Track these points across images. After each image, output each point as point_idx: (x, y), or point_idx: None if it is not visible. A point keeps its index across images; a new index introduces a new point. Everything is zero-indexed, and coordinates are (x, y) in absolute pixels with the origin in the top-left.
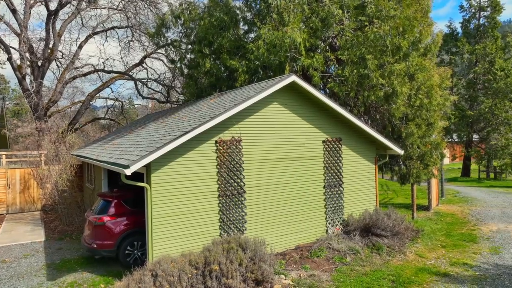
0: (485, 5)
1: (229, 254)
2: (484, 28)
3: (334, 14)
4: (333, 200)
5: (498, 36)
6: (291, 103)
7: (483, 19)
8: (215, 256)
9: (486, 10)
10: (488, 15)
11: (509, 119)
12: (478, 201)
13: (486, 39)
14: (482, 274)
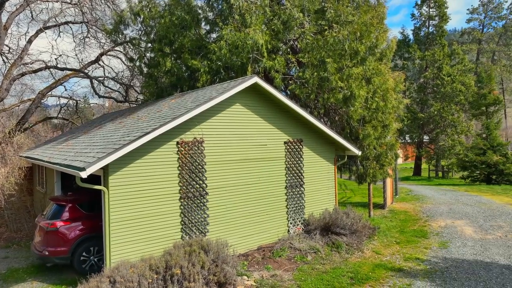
0: (433, 14)
1: (191, 257)
2: (433, 36)
3: (295, 17)
4: (295, 200)
5: (445, 44)
6: (253, 104)
7: (432, 27)
8: (177, 259)
9: (434, 19)
10: (436, 24)
11: (455, 121)
12: (428, 198)
13: (435, 46)
14: (432, 267)
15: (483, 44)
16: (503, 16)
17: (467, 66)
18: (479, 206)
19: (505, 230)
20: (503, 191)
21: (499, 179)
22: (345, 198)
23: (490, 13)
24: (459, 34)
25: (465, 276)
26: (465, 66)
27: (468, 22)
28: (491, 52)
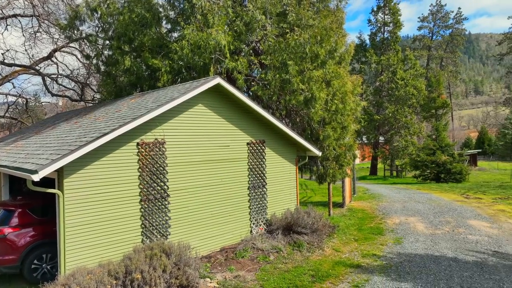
0: (388, 21)
1: (152, 261)
2: (387, 41)
3: (258, 19)
4: (257, 200)
5: (399, 49)
6: (216, 105)
7: (387, 33)
8: (137, 264)
9: (389, 25)
10: (391, 30)
11: (408, 123)
12: (384, 197)
13: (390, 51)
14: (388, 263)
15: (432, 51)
16: (450, 25)
17: (419, 71)
18: (429, 203)
19: (452, 225)
20: (451, 188)
21: (447, 178)
22: (306, 197)
23: (438, 22)
24: (412, 41)
25: (417, 269)
26: (417, 71)
27: (419, 30)
28: (440, 59)
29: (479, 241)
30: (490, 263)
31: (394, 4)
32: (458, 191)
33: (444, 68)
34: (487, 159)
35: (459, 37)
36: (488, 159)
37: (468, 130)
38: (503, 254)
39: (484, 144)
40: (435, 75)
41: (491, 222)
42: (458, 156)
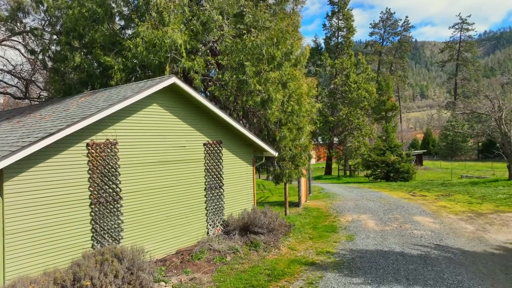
0: (342, 26)
1: (103, 267)
2: (341, 46)
3: (215, 19)
4: (214, 201)
5: (352, 54)
6: (171, 105)
7: (341, 38)
8: (86, 270)
9: (343, 30)
10: (344, 35)
11: (360, 125)
12: (338, 196)
13: (343, 56)
14: (341, 259)
15: (383, 56)
16: (399, 32)
17: (370, 75)
18: (379, 201)
19: (400, 222)
20: (399, 187)
21: (395, 176)
22: (263, 198)
23: (388, 29)
24: (364, 46)
25: (368, 265)
26: (368, 75)
27: (371, 35)
28: (390, 64)
29: (423, 235)
30: (432, 256)
31: (347, 10)
32: (405, 189)
33: (393, 72)
34: (431, 158)
35: (407, 44)
36: (432, 158)
37: (415, 131)
38: (443, 247)
39: (429, 144)
40: (385, 79)
41: (434, 217)
42: (405, 156)
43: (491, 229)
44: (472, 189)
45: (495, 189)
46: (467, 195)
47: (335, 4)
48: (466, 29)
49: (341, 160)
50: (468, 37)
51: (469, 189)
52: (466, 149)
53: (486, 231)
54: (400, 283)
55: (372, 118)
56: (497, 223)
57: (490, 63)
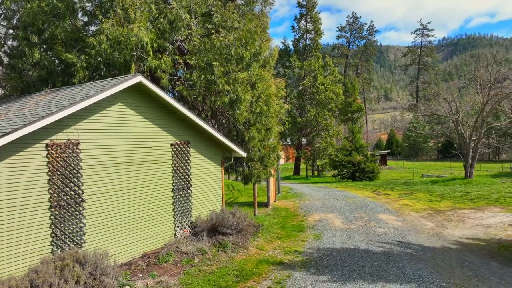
0: (310, 29)
1: (64, 273)
2: (309, 48)
3: (182, 18)
4: (182, 203)
5: (320, 56)
6: (137, 105)
7: (309, 40)
8: (45, 277)
9: (311, 33)
10: (312, 38)
11: (328, 126)
12: (306, 195)
13: (311, 58)
14: (308, 258)
15: (349, 59)
16: (364, 36)
17: (337, 77)
18: (346, 200)
19: (365, 220)
20: (364, 186)
21: (361, 176)
22: (232, 198)
23: (354, 33)
24: (331, 48)
25: (334, 262)
26: (335, 77)
27: (338, 39)
28: (356, 66)
29: (387, 233)
30: (395, 252)
31: (315, 13)
32: (370, 188)
33: (359, 75)
34: (395, 158)
35: (372, 48)
36: (396, 158)
37: (379, 132)
38: (405, 244)
39: (392, 145)
40: (352, 81)
41: (397, 215)
42: (371, 156)
43: (449, 225)
44: (432, 188)
45: (453, 187)
46: (427, 193)
47: (303, 7)
48: (427, 35)
49: (309, 161)
50: (429, 43)
51: (429, 187)
52: (427, 150)
53: (444, 227)
54: (365, 279)
55: (339, 119)
56: (454, 220)
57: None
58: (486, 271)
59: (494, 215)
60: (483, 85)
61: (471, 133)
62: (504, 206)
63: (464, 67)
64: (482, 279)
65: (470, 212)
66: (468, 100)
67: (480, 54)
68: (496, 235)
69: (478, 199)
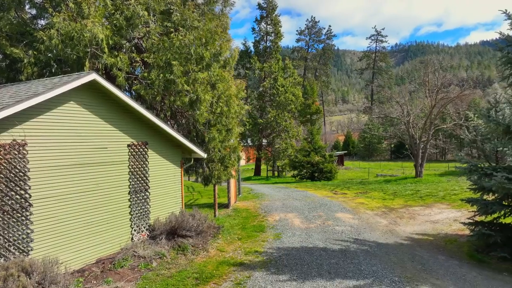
0: (270, 31)
1: (7, 283)
2: (270, 50)
3: (140, 15)
4: (139, 205)
5: (280, 58)
6: (92, 104)
7: (269, 42)
8: None
9: (271, 35)
10: (272, 40)
11: (288, 127)
12: (266, 196)
13: (272, 60)
14: (268, 258)
15: (308, 62)
16: (322, 40)
17: (297, 79)
18: (305, 200)
19: (323, 219)
20: (323, 186)
21: (320, 176)
22: (193, 200)
23: (313, 36)
24: (291, 51)
25: (293, 262)
26: (295, 79)
27: (298, 42)
28: (314, 69)
29: (344, 231)
30: (352, 249)
31: (275, 15)
32: (328, 188)
33: (318, 78)
34: (351, 159)
35: (330, 51)
36: (352, 159)
37: (337, 134)
38: (361, 241)
39: (349, 146)
40: (310, 84)
41: (353, 214)
42: (329, 157)
43: (401, 222)
44: (386, 187)
45: (404, 186)
46: (381, 192)
47: (264, 9)
48: (381, 40)
49: (270, 161)
50: (382, 48)
51: (383, 186)
52: (381, 150)
53: (397, 224)
54: (323, 277)
55: (298, 121)
56: (406, 217)
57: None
58: (434, 264)
59: (441, 211)
60: (431, 90)
61: (421, 135)
62: (450, 203)
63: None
64: (430, 272)
65: (420, 209)
66: (418, 103)
67: (428, 60)
68: (442, 230)
69: (427, 197)
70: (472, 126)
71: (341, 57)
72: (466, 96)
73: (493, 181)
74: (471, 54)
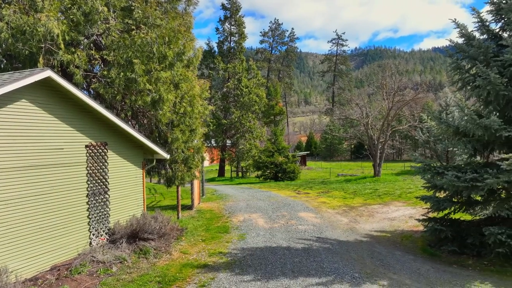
0: (234, 32)
1: None
2: (234, 51)
3: (99, 10)
4: (98, 208)
5: (244, 59)
6: (46, 102)
7: (233, 43)
8: None
9: (235, 36)
10: (236, 40)
11: (252, 128)
12: (231, 196)
13: (236, 60)
14: (232, 259)
15: (272, 63)
16: (286, 42)
17: (261, 80)
18: (269, 200)
19: (286, 218)
20: (286, 186)
21: (283, 176)
22: (155, 202)
23: (276, 38)
24: (255, 52)
25: (258, 261)
26: (259, 80)
27: (261, 43)
28: (278, 71)
29: (307, 230)
30: (314, 248)
31: (239, 16)
32: (292, 188)
33: (281, 79)
34: (313, 159)
35: (293, 54)
36: (314, 159)
37: (300, 134)
38: (323, 239)
39: (311, 146)
40: (274, 85)
41: (315, 213)
42: (292, 158)
43: (361, 220)
44: (346, 186)
45: (364, 185)
46: (342, 191)
47: (228, 10)
48: (341, 44)
49: (234, 162)
50: (343, 52)
51: (344, 186)
52: (342, 151)
53: (357, 222)
54: (287, 276)
55: (262, 122)
56: (365, 215)
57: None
58: (391, 260)
59: (397, 209)
60: (388, 93)
61: (379, 136)
62: (406, 200)
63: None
64: (388, 267)
65: (378, 207)
66: (376, 105)
67: (385, 64)
68: (399, 227)
69: (384, 195)
70: (425, 127)
71: (303, 60)
72: (420, 99)
73: (444, 179)
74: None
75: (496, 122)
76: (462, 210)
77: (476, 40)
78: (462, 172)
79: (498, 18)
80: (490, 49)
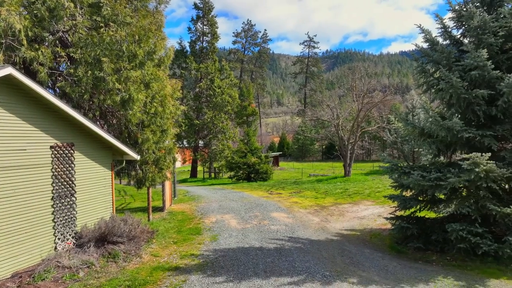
0: (207, 31)
1: None
2: (206, 51)
3: (65, 6)
4: (64, 212)
5: (216, 59)
6: (7, 101)
7: (206, 43)
8: None
9: (207, 35)
10: (209, 40)
11: (225, 128)
12: (203, 198)
13: (208, 60)
14: (205, 260)
15: (245, 64)
16: (258, 43)
17: (233, 81)
18: (241, 200)
19: (259, 219)
20: (259, 186)
21: (256, 177)
22: (125, 204)
23: (249, 39)
24: (228, 53)
25: (230, 263)
26: (231, 81)
27: (234, 44)
28: (250, 72)
29: (279, 230)
30: (286, 247)
31: (212, 16)
32: (264, 188)
33: (254, 80)
34: (286, 160)
35: (265, 55)
36: (287, 159)
37: (272, 135)
38: (295, 239)
39: (284, 147)
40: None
41: (288, 213)
42: (264, 158)
43: (332, 219)
44: (318, 186)
45: (335, 185)
46: (314, 191)
47: (200, 9)
48: (313, 46)
49: (206, 163)
50: (315, 54)
51: (315, 186)
52: (314, 151)
53: (328, 221)
54: (259, 276)
55: (235, 122)
56: (336, 214)
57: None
58: (361, 258)
59: (367, 208)
60: (358, 94)
61: (349, 137)
62: (375, 200)
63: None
64: (358, 265)
65: (348, 206)
66: (347, 107)
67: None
68: (368, 225)
69: (354, 195)
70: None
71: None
72: (388, 101)
73: (410, 179)
74: (392, 63)
75: (458, 123)
76: (427, 208)
77: (439, 45)
78: (427, 171)
79: (459, 24)
80: (452, 54)
